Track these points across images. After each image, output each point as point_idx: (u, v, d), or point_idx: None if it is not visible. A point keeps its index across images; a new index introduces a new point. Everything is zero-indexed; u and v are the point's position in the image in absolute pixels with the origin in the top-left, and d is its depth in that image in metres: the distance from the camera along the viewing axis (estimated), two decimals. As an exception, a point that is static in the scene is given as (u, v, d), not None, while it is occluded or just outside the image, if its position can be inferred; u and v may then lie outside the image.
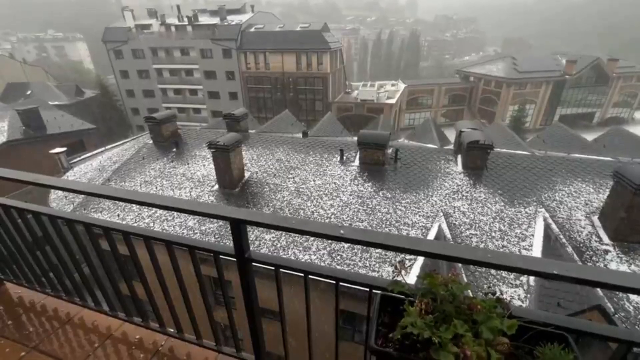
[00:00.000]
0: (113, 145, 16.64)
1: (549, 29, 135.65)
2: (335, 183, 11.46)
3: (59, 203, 12.22)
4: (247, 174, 12.33)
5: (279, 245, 9.66)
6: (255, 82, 37.45)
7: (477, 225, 9.46)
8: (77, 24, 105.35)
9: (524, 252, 8.55)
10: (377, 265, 8.86)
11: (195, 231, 10.46)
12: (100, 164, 14.37)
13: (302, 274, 1.19)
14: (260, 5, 46.63)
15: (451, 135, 20.54)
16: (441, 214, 9.89)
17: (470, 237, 9.19)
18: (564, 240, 8.38)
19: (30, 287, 2.01)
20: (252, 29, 36.36)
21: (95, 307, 1.81)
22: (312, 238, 10.11)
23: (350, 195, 10.94)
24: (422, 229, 9.59)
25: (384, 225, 9.78)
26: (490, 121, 38.96)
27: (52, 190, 12.55)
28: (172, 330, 1.65)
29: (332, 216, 10.26)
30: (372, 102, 34.92)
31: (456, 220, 9.68)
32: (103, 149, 16.45)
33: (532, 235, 8.94)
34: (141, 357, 1.62)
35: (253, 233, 10.01)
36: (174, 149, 14.28)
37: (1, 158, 18.04)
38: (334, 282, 1.18)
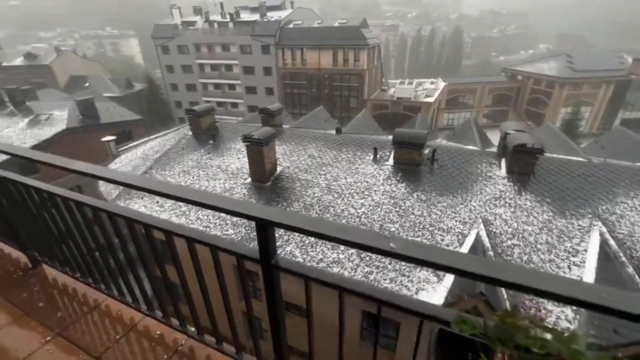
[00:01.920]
0: (156, 135, 17.56)
1: (612, 26, 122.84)
2: (367, 182, 11.17)
3: (107, 187, 13.10)
4: (279, 169, 12.40)
5: (307, 241, 9.60)
6: (291, 78, 37.79)
7: (520, 235, 8.73)
8: (131, 21, 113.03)
9: (574, 269, 7.75)
10: (407, 269, 8.52)
11: (228, 222, 10.72)
12: (144, 152, 15.21)
13: (336, 290, 1.02)
14: (300, 1, 46.83)
15: (494, 137, 19.28)
16: (480, 220, 9.26)
17: (512, 248, 8.50)
18: (623, 259, 7.47)
19: (63, 270, 2.04)
20: (291, 25, 36.63)
21: (119, 297, 1.79)
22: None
23: (382, 195, 10.60)
24: (458, 235, 9.05)
25: (416, 229, 9.36)
26: (538, 124, 36.14)
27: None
28: (192, 329, 1.57)
29: (363, 215, 10.01)
30: (408, 101, 33.80)
31: (497, 229, 9.01)
32: (147, 138, 17.40)
33: (585, 250, 8.07)
34: (162, 353, 1.57)
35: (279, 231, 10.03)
36: (211, 141, 14.73)
37: (60, 144, 19.77)
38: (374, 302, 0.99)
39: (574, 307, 7.09)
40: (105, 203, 1.56)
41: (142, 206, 11.79)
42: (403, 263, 8.67)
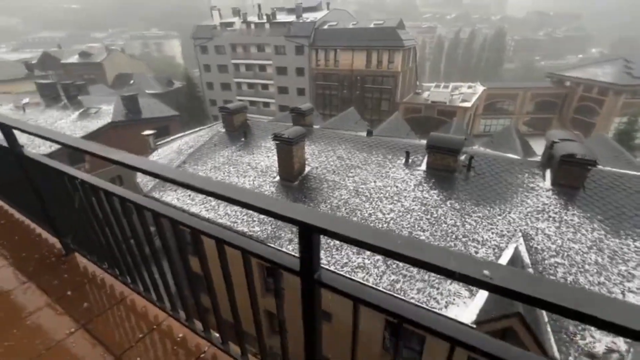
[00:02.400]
0: (191, 131, 18.21)
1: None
2: (397, 186, 10.81)
3: (144, 178, 13.72)
4: (307, 169, 12.34)
5: (332, 243, 9.42)
6: (323, 79, 37.84)
7: (565, 253, 8.00)
8: (175, 23, 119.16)
9: (629, 296, 6.95)
10: (437, 280, 8.09)
11: (255, 219, 10.81)
12: (179, 147, 15.81)
13: (396, 319, 0.84)
14: (335, 3, 46.84)
15: (536, 146, 18.04)
16: (520, 234, 8.61)
17: (555, 267, 7.81)
18: (691, 289, 6.58)
19: (92, 260, 2.04)
20: (325, 26, 36.70)
21: (145, 293, 1.73)
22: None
23: (412, 201, 10.20)
24: (494, 249, 8.47)
25: (448, 239, 8.88)
26: (587, 134, 33.42)
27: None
28: (216, 336, 1.46)
29: (391, 221, 9.68)
30: (443, 105, 32.59)
31: (538, 244, 8.32)
32: (183, 134, 18.09)
33: (643, 276, 7.22)
34: (183, 358, 1.47)
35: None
36: (242, 139, 15.00)
37: (105, 136, 21.11)
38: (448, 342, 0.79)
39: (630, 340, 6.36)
40: (138, 196, 1.50)
41: (175, 198, 12.20)
42: (433, 274, 8.25)
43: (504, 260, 8.08)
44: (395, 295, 7.95)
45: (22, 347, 1.65)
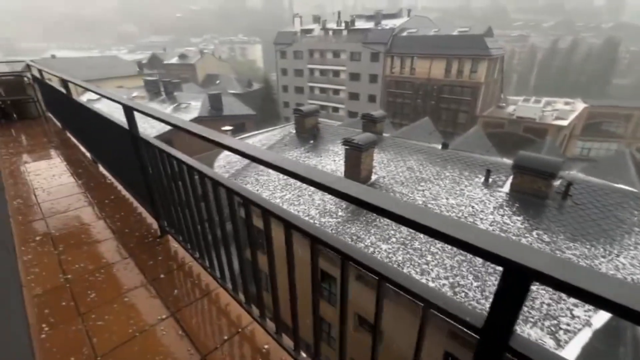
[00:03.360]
0: (264, 130, 19.25)
1: None
2: (473, 207, 9.80)
3: (221, 169, 14.86)
4: (373, 177, 11.98)
5: (394, 259, 8.93)
6: (396, 86, 36.86)
7: (700, 319, 6.25)
8: (259, 30, 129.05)
9: None
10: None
11: (316, 221, 10.84)
12: (253, 144, 16.80)
13: None
14: (416, 10, 45.50)
15: (657, 178, 14.86)
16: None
17: (683, 334, 6.16)
18: None
19: (184, 246, 2.10)
20: (404, 33, 35.74)
21: (232, 291, 1.69)
22: (432, 261, 8.92)
23: (490, 225, 9.13)
24: (592, 296, 7.05)
25: (532, 275, 7.67)
26: None
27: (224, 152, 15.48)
28: (304, 356, 1.31)
29: (463, 244, 8.77)
30: (532, 121, 28.99)
31: (658, 301, 6.67)
32: (256, 132, 19.23)
33: None
34: (268, 373, 1.36)
35: (368, 238, 9.61)
36: (311, 141, 15.28)
37: (192, 128, 23.59)
38: None
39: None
40: (241, 186, 1.43)
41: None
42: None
43: (606, 315, 6.67)
44: None
45: (118, 325, 1.73)
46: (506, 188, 10.06)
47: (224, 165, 15.05)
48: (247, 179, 13.59)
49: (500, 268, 0.65)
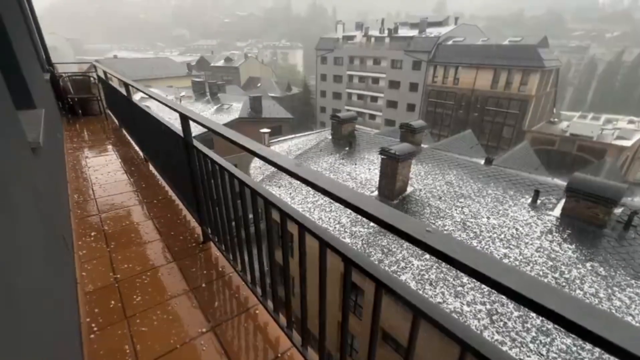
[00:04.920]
0: (301, 134, 19.48)
1: None
2: (517, 229, 9.12)
3: (255, 171, 15.25)
4: (409, 189, 11.60)
5: (426, 276, 8.53)
6: (437, 96, 35.71)
7: None
8: (301, 35, 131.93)
9: None
10: (558, 358, 6.40)
11: (346, 230, 10.69)
12: (289, 147, 17.04)
13: None
14: (463, 18, 43.88)
15: None
16: None
17: None
18: None
19: (226, 256, 2.10)
20: (450, 42, 34.58)
21: (273, 312, 1.64)
22: (468, 283, 8.41)
23: (536, 251, 8.43)
24: (658, 344, 6.21)
25: (585, 312, 6.94)
26: None
27: (254, 160, 15.86)
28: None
29: (504, 270, 8.17)
30: (588, 140, 26.59)
31: None
32: (293, 136, 19.50)
33: None
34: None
35: (400, 252, 9.28)
36: (347, 148, 15.18)
37: (232, 128, 24.49)
38: None
39: None
40: (280, 200, 1.40)
41: (277, 194, 13.12)
42: (554, 349, 6.57)
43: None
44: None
45: (161, 333, 1.75)
46: (557, 212, 9.26)
47: (260, 167, 15.41)
48: (281, 181, 13.79)
49: None
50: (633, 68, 69.14)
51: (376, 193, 11.86)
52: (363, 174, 13.31)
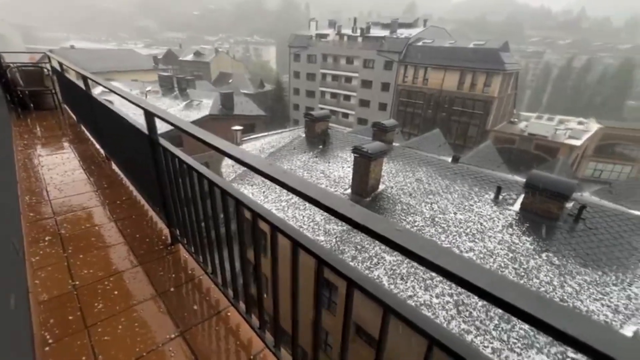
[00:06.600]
0: (274, 132, 19.26)
1: None
2: (481, 224, 9.63)
3: (227, 169, 14.88)
4: (381, 187, 11.87)
5: (398, 271, 8.79)
6: (408, 96, 36.76)
7: None
8: (274, 32, 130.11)
9: None
10: (518, 343, 6.86)
11: (321, 228, 10.75)
12: (262, 145, 16.80)
13: None
14: (432, 20, 45.50)
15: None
16: (644, 316, 6.83)
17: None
18: None
19: (195, 258, 2.02)
20: (420, 43, 35.68)
21: (245, 314, 1.60)
22: (437, 277, 8.77)
23: (498, 243, 8.95)
24: (602, 326, 6.84)
25: (541, 299, 7.49)
26: None
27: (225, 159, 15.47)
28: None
29: (470, 262, 8.61)
30: (544, 139, 28.61)
31: (672, 336, 6.45)
32: (266, 133, 19.24)
33: None
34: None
35: (372, 248, 9.48)
36: (321, 146, 15.23)
37: (203, 126, 23.64)
38: None
39: None
40: (248, 198, 1.38)
41: (250, 193, 12.91)
42: (515, 335, 7.04)
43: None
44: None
45: (125, 342, 1.65)
46: (516, 207, 9.89)
47: (232, 165, 15.06)
48: (253, 179, 13.58)
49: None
50: (581, 74, 75.23)
51: (350, 191, 12.01)
52: (337, 172, 13.42)
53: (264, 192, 12.91)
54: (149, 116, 1.98)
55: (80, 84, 3.94)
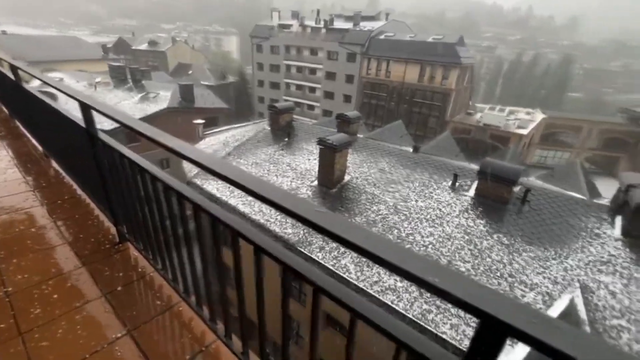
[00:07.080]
0: (238, 125, 18.77)
1: None
2: (440, 210, 10.19)
3: (189, 165, 14.28)
4: (346, 177, 12.09)
5: (364, 259, 9.05)
6: (371, 88, 37.46)
7: (633, 317, 6.95)
8: (235, 21, 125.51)
9: None
10: (472, 318, 7.41)
11: (288, 220, 10.74)
12: (226, 139, 16.32)
13: None
14: (394, 14, 46.51)
15: (601, 186, 16.28)
16: (577, 285, 7.67)
17: (620, 331, 6.80)
18: None
19: (145, 255, 1.95)
20: (382, 36, 36.35)
21: (195, 306, 1.58)
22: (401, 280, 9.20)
23: (455, 227, 9.54)
24: (544, 295, 7.63)
25: (492, 276, 8.14)
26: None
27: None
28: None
29: (430, 245, 9.11)
30: (497, 129, 30.71)
31: (599, 301, 7.33)
32: (230, 127, 18.70)
33: None
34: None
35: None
36: (286, 139, 15.12)
37: (161, 120, 22.47)
38: None
39: None
40: (200, 197, 1.35)
41: (215, 188, 12.55)
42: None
43: (555, 311, 7.22)
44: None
45: (66, 346, 1.55)
46: (471, 192, 10.55)
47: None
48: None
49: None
50: (529, 68, 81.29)
51: (316, 183, 12.10)
52: (303, 164, 13.43)
53: (229, 186, 12.60)
54: (85, 108, 1.85)
55: (10, 74, 3.56)
